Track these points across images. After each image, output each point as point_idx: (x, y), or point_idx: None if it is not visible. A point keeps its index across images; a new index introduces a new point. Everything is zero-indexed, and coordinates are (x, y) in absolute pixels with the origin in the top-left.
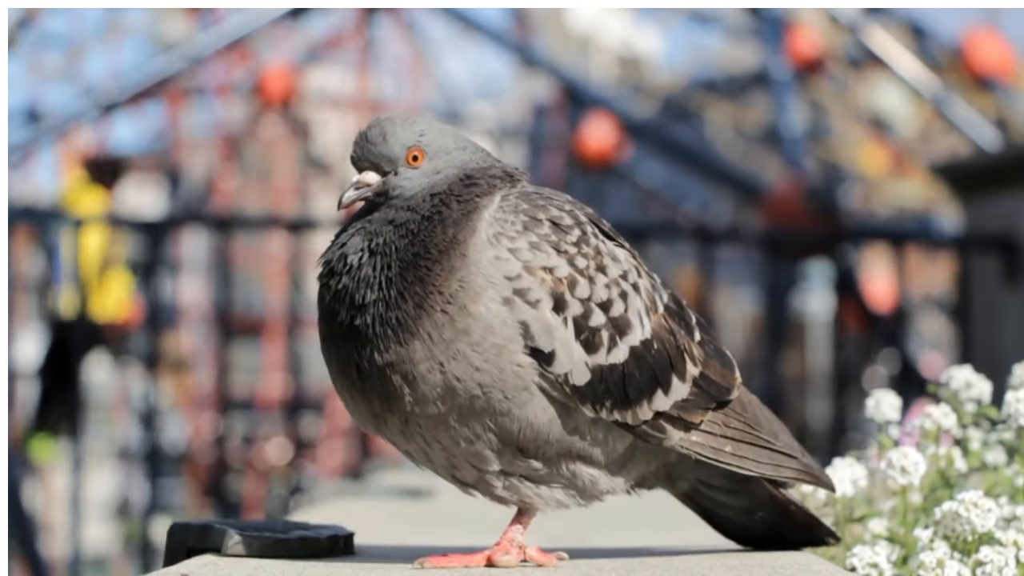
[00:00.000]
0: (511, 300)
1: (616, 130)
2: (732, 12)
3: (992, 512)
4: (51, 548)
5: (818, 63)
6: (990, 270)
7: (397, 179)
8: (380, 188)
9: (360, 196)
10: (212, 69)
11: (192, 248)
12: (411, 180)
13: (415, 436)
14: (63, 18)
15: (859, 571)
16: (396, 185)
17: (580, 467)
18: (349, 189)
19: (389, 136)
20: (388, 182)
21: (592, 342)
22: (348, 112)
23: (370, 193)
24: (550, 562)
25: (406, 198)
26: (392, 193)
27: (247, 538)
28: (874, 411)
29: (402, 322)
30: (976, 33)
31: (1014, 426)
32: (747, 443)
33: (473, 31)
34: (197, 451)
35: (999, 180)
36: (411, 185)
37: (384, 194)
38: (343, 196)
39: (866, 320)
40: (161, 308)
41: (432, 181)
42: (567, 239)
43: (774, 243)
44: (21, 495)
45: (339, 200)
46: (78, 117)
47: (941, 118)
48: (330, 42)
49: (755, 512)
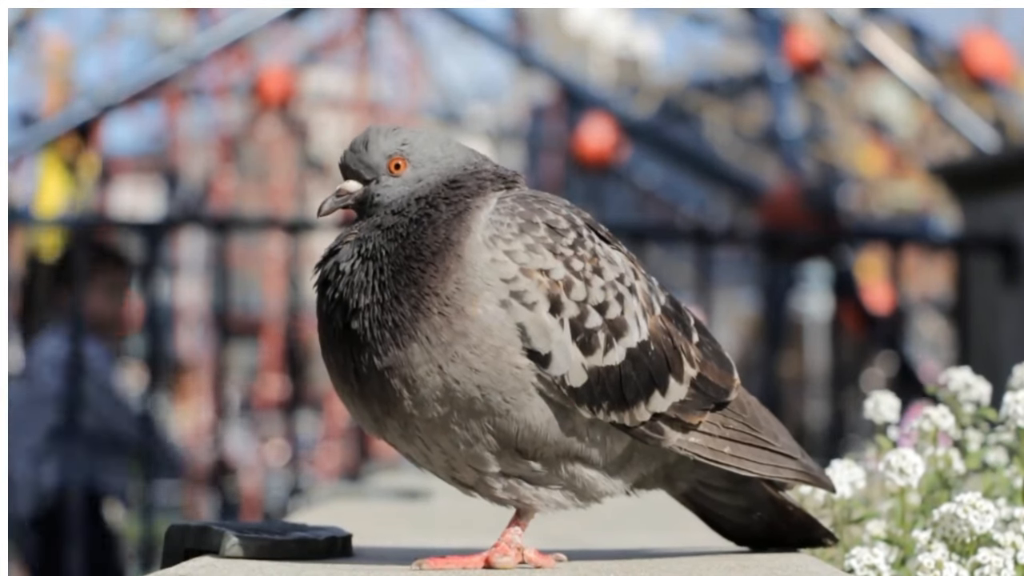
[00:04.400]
0: (508, 302)
1: (614, 131)
2: (730, 13)
3: (991, 514)
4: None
5: (816, 64)
6: (988, 271)
7: (377, 187)
8: (360, 196)
9: (340, 204)
10: (210, 70)
11: (190, 249)
12: (390, 188)
13: (415, 439)
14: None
15: (857, 572)
16: (376, 193)
17: (579, 468)
18: (330, 197)
19: (371, 145)
20: (368, 190)
21: (588, 344)
22: (346, 113)
23: (351, 201)
24: (548, 564)
25: (386, 206)
26: (372, 201)
27: (245, 539)
28: (872, 412)
29: (399, 325)
30: (974, 34)
31: (1013, 427)
32: (746, 444)
33: (471, 32)
34: (195, 452)
35: (997, 181)
36: (390, 193)
37: (364, 202)
38: (323, 204)
39: (864, 321)
40: (159, 309)
41: (413, 189)
42: (563, 242)
43: (772, 244)
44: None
45: (319, 208)
46: (74, 120)
47: (939, 119)
48: (328, 43)
49: (753, 512)
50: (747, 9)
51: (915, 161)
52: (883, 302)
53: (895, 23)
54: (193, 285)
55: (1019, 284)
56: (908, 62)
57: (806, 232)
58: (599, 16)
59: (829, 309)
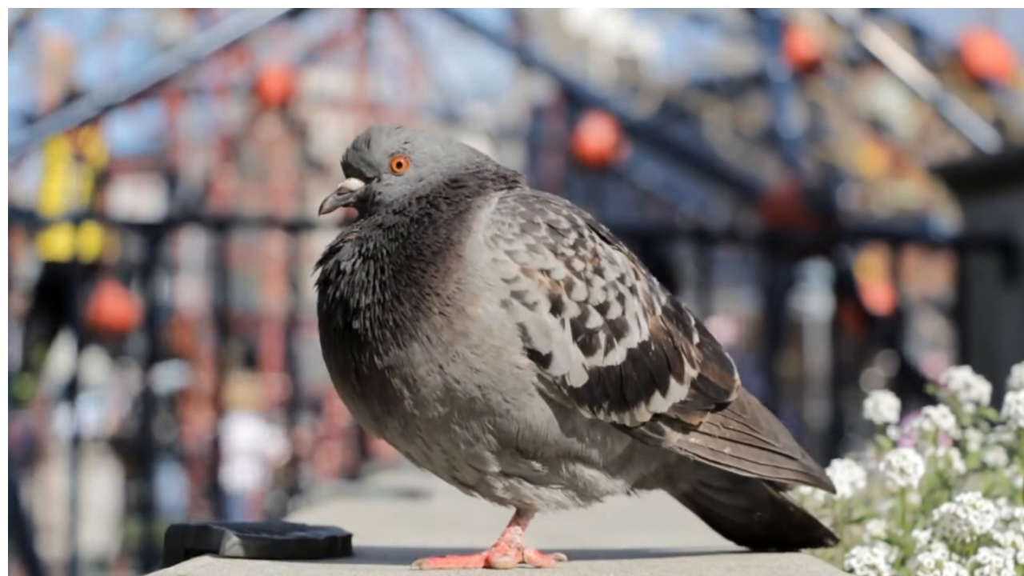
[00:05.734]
0: (509, 302)
1: (614, 131)
2: (730, 13)
3: (990, 514)
4: (50, 549)
5: (816, 64)
6: (988, 271)
7: (379, 185)
8: (362, 194)
9: (341, 202)
10: (210, 70)
11: (190, 249)
12: (392, 187)
13: (415, 438)
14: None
15: (857, 572)
16: (377, 191)
17: (580, 468)
18: (332, 195)
19: (373, 143)
20: (370, 188)
21: (589, 344)
22: (346, 113)
23: (352, 199)
24: (548, 563)
25: (388, 204)
26: (374, 199)
27: (245, 539)
28: (872, 412)
29: (400, 324)
30: (974, 34)
31: (1013, 427)
32: (746, 444)
33: (471, 32)
34: (195, 451)
35: (997, 181)
36: (392, 191)
37: (365, 200)
38: (324, 201)
39: (864, 321)
40: (159, 309)
41: (414, 188)
42: (564, 242)
43: (772, 244)
44: (20, 495)
45: (320, 205)
46: (75, 119)
47: (939, 119)
48: (328, 43)
49: (754, 512)
50: (747, 9)
51: (915, 161)
52: (883, 302)
53: (895, 23)
54: (193, 285)
55: (1019, 284)
56: (908, 62)
57: (806, 232)
58: (599, 16)
59: (829, 309)
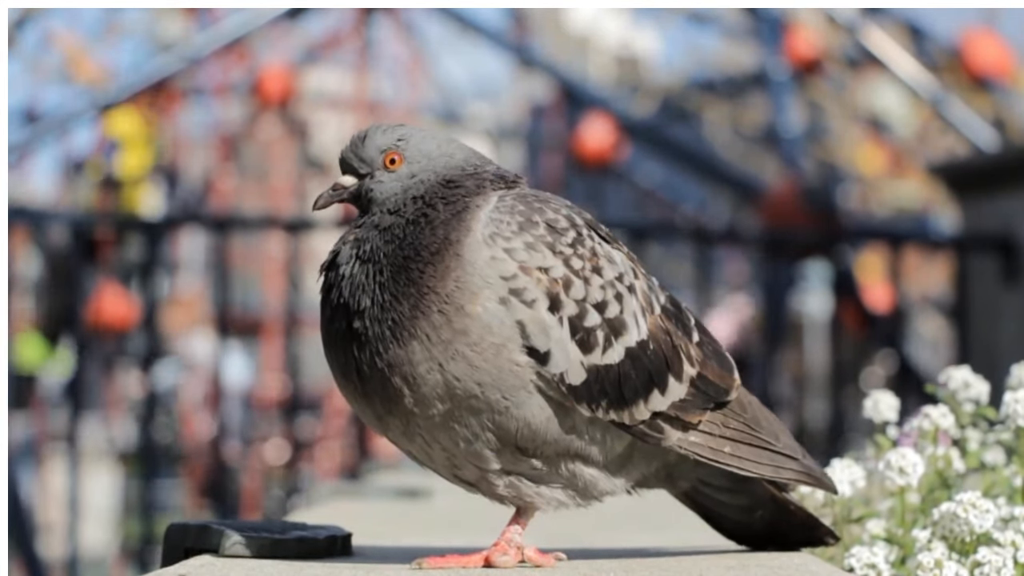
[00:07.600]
0: (507, 300)
1: (614, 130)
2: (730, 12)
3: (990, 513)
4: (49, 548)
5: (816, 63)
6: (988, 270)
7: (371, 182)
8: (355, 190)
9: (335, 198)
10: (210, 69)
11: (190, 248)
12: (384, 184)
13: (416, 436)
14: (60, 18)
15: (857, 572)
16: (370, 188)
17: (579, 467)
18: (326, 191)
19: (368, 140)
20: (363, 185)
21: (587, 342)
22: (346, 112)
23: (345, 195)
24: (548, 562)
25: (380, 201)
26: (366, 196)
27: (245, 538)
28: (872, 411)
29: (399, 323)
30: (974, 33)
31: (1012, 426)
32: (746, 444)
33: (471, 31)
34: (194, 451)
35: (997, 180)
36: (384, 188)
37: (358, 196)
38: (319, 197)
39: (864, 321)
40: (159, 308)
41: (406, 185)
42: (563, 240)
43: (772, 243)
44: (20, 495)
45: (315, 201)
46: (76, 117)
47: (939, 118)
48: (328, 42)
49: (755, 511)
50: (747, 8)
51: (915, 160)
52: (883, 301)
53: (895, 22)
54: (193, 284)
55: (1019, 284)
56: (908, 61)
57: (806, 231)
58: (599, 16)
59: (829, 308)
